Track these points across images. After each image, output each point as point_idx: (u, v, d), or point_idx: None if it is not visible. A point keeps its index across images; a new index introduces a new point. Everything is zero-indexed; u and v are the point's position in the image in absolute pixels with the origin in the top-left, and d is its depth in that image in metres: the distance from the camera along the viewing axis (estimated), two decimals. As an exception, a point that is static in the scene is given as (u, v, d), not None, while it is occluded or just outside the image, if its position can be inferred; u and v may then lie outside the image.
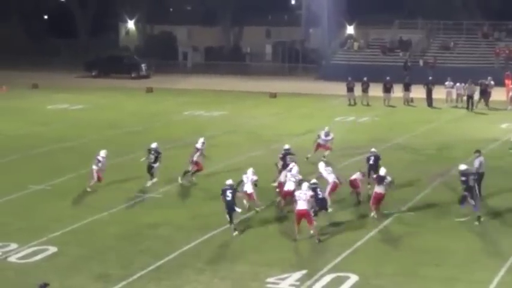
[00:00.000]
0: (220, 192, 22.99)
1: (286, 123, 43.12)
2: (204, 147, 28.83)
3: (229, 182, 23.13)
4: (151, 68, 69.51)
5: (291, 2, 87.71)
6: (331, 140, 32.23)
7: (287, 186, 24.33)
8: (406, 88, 50.12)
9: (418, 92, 49.82)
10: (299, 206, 21.77)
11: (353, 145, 35.34)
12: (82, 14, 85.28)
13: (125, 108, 49.27)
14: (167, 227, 23.32)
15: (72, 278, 19.12)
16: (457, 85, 49.18)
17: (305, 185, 22.36)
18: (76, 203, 26.20)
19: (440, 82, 49.52)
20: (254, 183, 24.67)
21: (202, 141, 28.88)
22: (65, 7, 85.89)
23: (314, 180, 23.92)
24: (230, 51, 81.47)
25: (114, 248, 21.47)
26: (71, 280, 18.99)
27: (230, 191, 22.73)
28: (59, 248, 21.28)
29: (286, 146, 28.17)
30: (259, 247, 21.49)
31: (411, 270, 19.82)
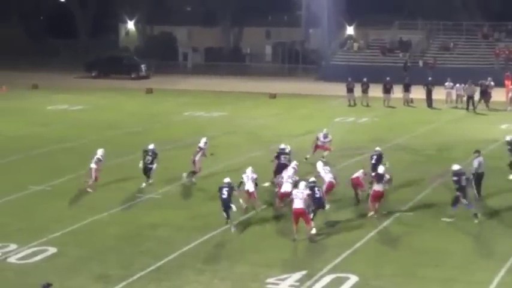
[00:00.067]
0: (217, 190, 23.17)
1: (286, 123, 43.11)
2: (207, 147, 28.97)
3: (226, 180, 23.37)
4: (151, 69, 69.50)
5: (291, 3, 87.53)
6: (329, 142, 32.24)
7: (284, 187, 24.35)
8: (406, 89, 50.13)
9: (418, 93, 49.84)
10: (295, 205, 21.82)
11: (353, 146, 35.37)
12: (82, 15, 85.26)
13: (125, 108, 49.27)
14: (167, 228, 23.34)
15: (72, 279, 19.13)
16: (457, 86, 49.18)
17: (302, 184, 22.39)
18: (76, 204, 26.21)
19: (440, 83, 49.53)
20: (255, 181, 24.72)
21: (204, 141, 29.04)
22: (65, 7, 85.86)
23: (313, 178, 23.97)
24: (230, 52, 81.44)
25: (114, 249, 21.48)
26: (71, 281, 18.99)
27: (226, 189, 22.95)
28: (59, 249, 21.28)
29: (281, 146, 28.20)
30: (259, 248, 21.50)
31: (411, 271, 19.83)
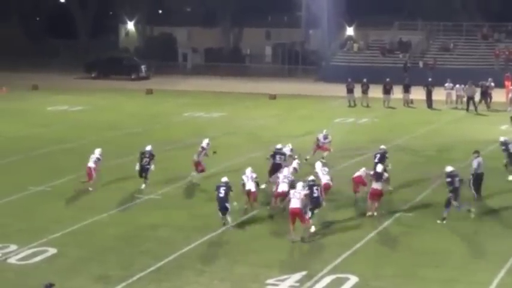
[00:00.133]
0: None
1: (285, 124, 43.11)
2: (209, 147, 29.05)
3: (224, 180, 23.54)
4: (151, 70, 69.48)
5: (291, 4, 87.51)
6: (329, 142, 32.25)
7: (280, 187, 24.36)
8: (406, 89, 50.15)
9: (418, 94, 49.86)
10: (292, 205, 21.82)
11: (353, 146, 35.37)
12: (82, 15, 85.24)
13: (125, 109, 49.27)
14: (167, 228, 23.33)
15: (71, 280, 19.11)
16: (457, 86, 49.18)
17: (300, 185, 22.39)
18: (76, 204, 26.20)
19: (440, 83, 49.55)
20: (255, 180, 24.79)
21: (207, 141, 29.18)
22: (65, 8, 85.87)
23: (312, 177, 24.01)
24: (230, 52, 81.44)
25: (113, 249, 21.47)
26: (71, 281, 18.98)
27: (224, 188, 23.08)
28: (59, 249, 21.27)
29: (278, 146, 28.23)
30: (258, 248, 21.48)
31: (411, 271, 19.82)
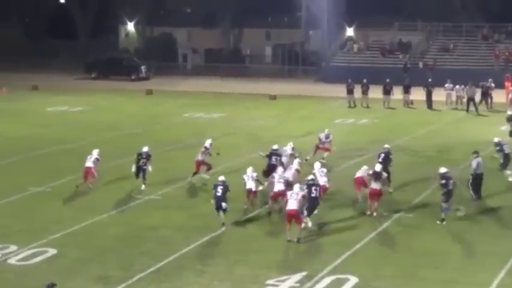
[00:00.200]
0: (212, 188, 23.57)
1: (285, 125, 43.11)
2: (212, 147, 29.11)
3: (221, 179, 23.66)
4: (151, 70, 69.46)
5: (291, 4, 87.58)
6: (329, 142, 32.27)
7: (276, 187, 24.39)
8: (406, 90, 50.15)
9: (418, 94, 49.88)
10: (289, 206, 21.85)
11: (353, 147, 35.36)
12: (82, 16, 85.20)
13: (125, 110, 49.26)
14: (167, 229, 23.32)
15: (71, 280, 19.10)
16: (457, 87, 49.18)
17: (297, 186, 22.38)
18: (76, 205, 26.19)
19: (440, 84, 49.57)
20: (256, 178, 24.84)
21: (210, 142, 29.28)
22: (65, 9, 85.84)
23: (311, 176, 24.03)
24: (230, 53, 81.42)
25: (113, 250, 21.46)
26: (71, 282, 18.97)
27: (221, 187, 23.15)
28: (59, 250, 21.27)
29: (274, 147, 28.26)
30: (258, 249, 21.48)
31: (410, 272, 19.82)
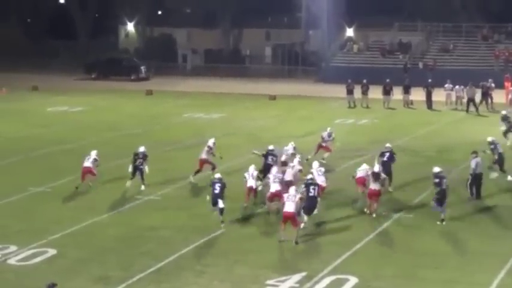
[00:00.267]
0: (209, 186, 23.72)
1: (285, 125, 43.12)
2: (215, 147, 29.12)
3: (218, 176, 23.86)
4: (150, 70, 69.50)
5: (291, 5, 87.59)
6: (332, 140, 32.32)
7: (272, 187, 24.40)
8: (406, 90, 50.17)
9: (418, 95, 49.89)
10: (286, 208, 21.80)
11: (352, 147, 35.36)
12: (82, 16, 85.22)
13: (125, 110, 49.27)
14: (166, 229, 23.31)
15: (71, 281, 19.10)
16: (457, 87, 49.18)
17: (292, 189, 22.34)
18: (76, 205, 26.19)
19: (439, 84, 49.59)
20: (257, 176, 24.92)
21: (213, 141, 29.33)
22: (65, 9, 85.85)
23: (310, 175, 24.06)
24: (230, 53, 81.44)
25: (113, 250, 21.46)
26: (71, 282, 18.96)
27: (219, 185, 23.22)
28: (59, 250, 21.26)
29: (270, 147, 28.27)
30: (258, 249, 21.47)
31: (410, 272, 19.82)
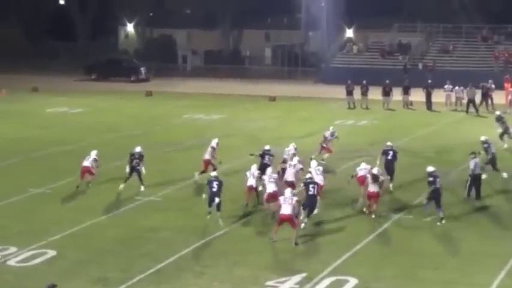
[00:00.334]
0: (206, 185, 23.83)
1: (285, 126, 43.14)
2: (218, 147, 29.20)
3: (214, 174, 24.07)
4: (150, 72, 69.54)
5: (291, 6, 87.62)
6: (335, 138, 32.49)
7: (269, 188, 24.39)
8: (406, 91, 50.19)
9: (418, 95, 49.90)
10: (283, 211, 21.74)
11: (352, 148, 35.36)
12: (82, 17, 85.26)
13: (125, 111, 49.28)
14: (166, 230, 23.30)
15: (71, 282, 19.09)
16: (456, 88, 49.17)
17: (288, 191, 22.27)
18: (75, 207, 26.19)
19: (439, 85, 49.60)
20: (258, 175, 24.98)
21: (216, 141, 29.37)
22: (65, 10, 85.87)
23: (309, 175, 24.08)
24: (229, 54, 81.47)
25: (113, 252, 21.45)
26: (70, 284, 18.95)
27: (216, 183, 23.34)
28: (58, 252, 21.26)
29: (266, 147, 28.31)
30: (258, 250, 21.46)
31: (410, 273, 19.81)
